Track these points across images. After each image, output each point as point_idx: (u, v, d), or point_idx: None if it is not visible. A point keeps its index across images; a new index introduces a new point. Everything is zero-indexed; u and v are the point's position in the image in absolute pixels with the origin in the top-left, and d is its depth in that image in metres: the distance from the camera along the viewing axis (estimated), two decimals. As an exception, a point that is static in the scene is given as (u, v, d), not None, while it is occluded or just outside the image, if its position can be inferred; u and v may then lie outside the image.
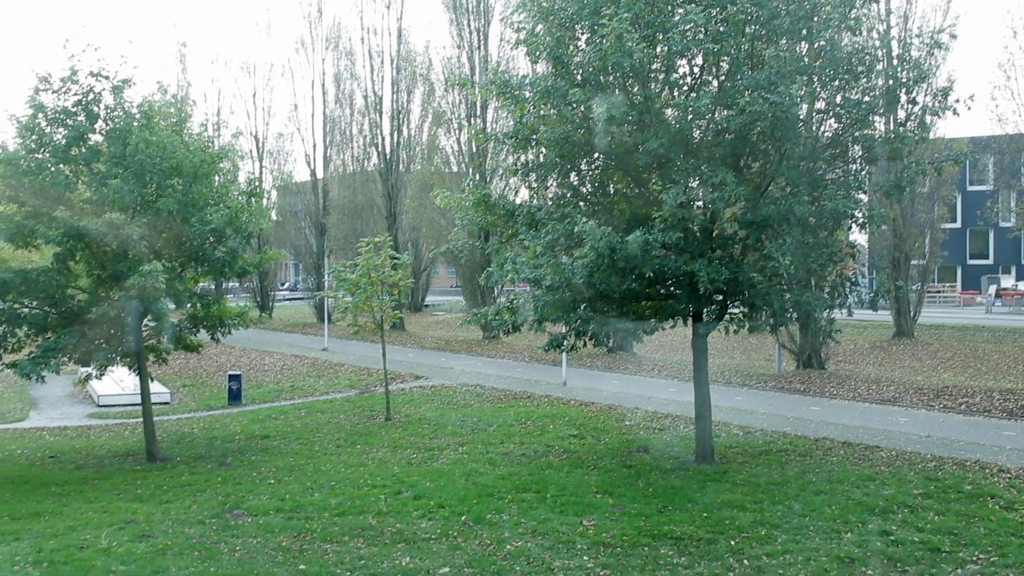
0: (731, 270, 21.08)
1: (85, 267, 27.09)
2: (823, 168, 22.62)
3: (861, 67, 21.68)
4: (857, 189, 22.66)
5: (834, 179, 22.55)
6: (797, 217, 20.94)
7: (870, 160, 22.84)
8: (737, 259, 21.92)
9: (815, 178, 21.99)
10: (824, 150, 22.51)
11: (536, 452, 25.74)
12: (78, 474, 25.62)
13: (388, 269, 32.58)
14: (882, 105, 22.34)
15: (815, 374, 40.47)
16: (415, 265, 70.13)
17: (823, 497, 20.41)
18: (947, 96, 21.95)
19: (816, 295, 22.89)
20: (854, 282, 23.74)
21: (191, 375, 47.62)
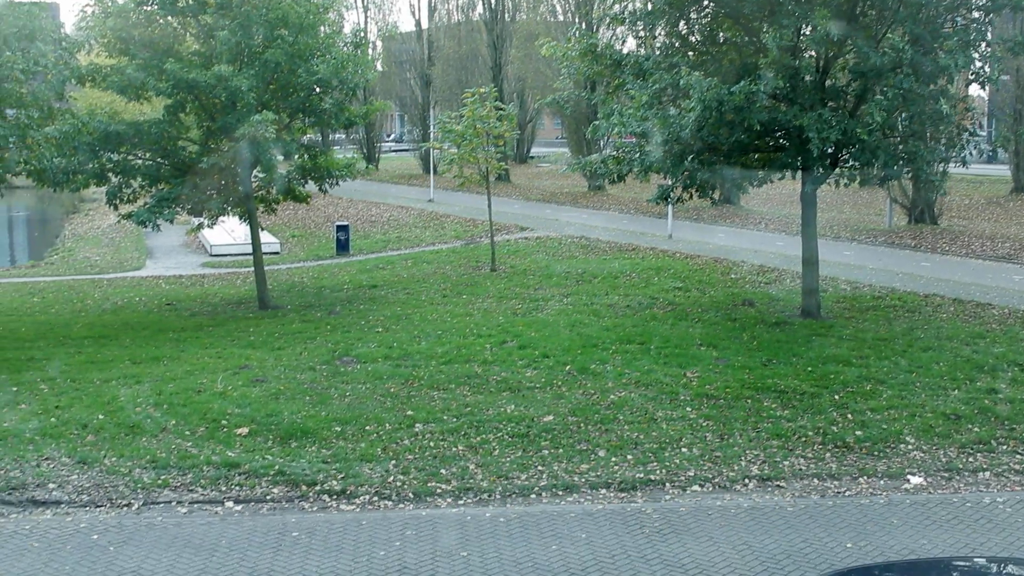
0: (841, 127, 20.47)
1: (195, 119, 27.44)
2: (943, 17, 21.63)
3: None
4: (978, 40, 21.65)
5: (953, 29, 21.57)
6: (912, 68, 20.15)
7: (993, 8, 21.75)
8: (848, 112, 21.29)
9: (933, 28, 21.06)
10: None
11: (641, 304, 25.78)
12: (193, 321, 26.38)
13: (493, 120, 32.39)
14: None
15: (927, 229, 39.63)
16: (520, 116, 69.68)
17: (931, 354, 20.18)
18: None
19: (930, 148, 22.21)
20: (971, 132, 22.97)
21: (300, 226, 48.39)
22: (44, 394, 18.85)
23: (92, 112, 26.25)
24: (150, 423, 16.81)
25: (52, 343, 23.67)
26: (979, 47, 21.70)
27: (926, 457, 15.34)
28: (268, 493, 14.32)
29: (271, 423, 16.59)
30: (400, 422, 16.73)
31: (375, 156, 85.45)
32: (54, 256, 44.46)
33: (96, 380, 19.70)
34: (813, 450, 15.49)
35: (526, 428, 16.30)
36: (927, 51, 20.46)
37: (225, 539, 12.75)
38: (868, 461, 15.14)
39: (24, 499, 14.31)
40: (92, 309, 28.83)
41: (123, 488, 14.54)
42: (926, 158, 21.73)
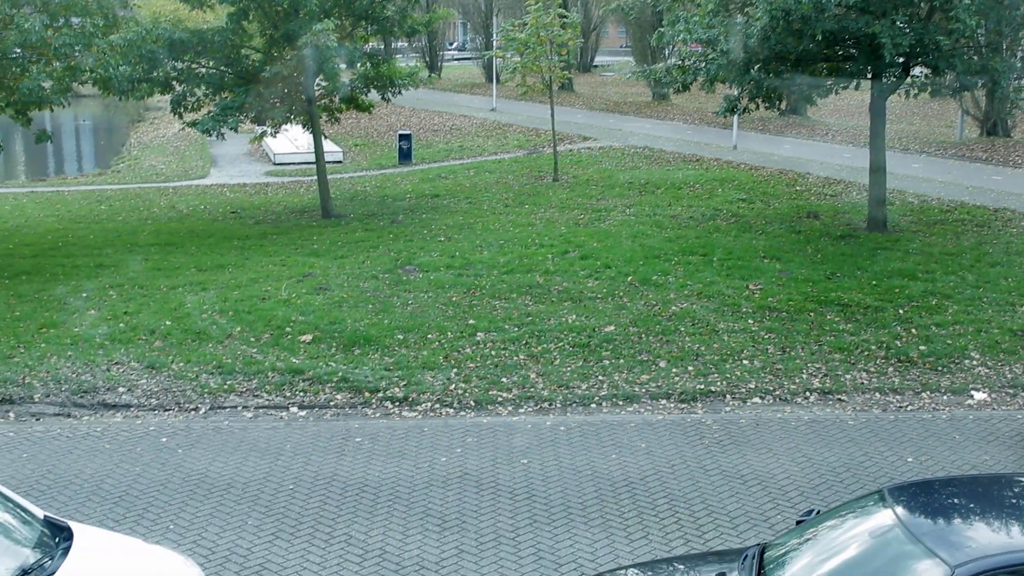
0: (916, 32, 19.95)
1: (258, 27, 27.42)
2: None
3: None
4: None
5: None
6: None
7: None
8: (922, 19, 20.75)
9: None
10: None
11: (704, 215, 25.59)
12: (257, 229, 26.62)
13: (557, 28, 31.99)
14: None
15: (999, 142, 38.75)
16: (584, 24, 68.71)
17: (999, 269, 19.89)
18: None
19: (1006, 60, 21.60)
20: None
21: (362, 135, 48.42)
22: (113, 300, 19.21)
23: (156, 20, 26.29)
24: (216, 329, 17.10)
25: (120, 250, 24.04)
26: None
27: (991, 373, 15.20)
28: (331, 399, 14.55)
29: (334, 331, 16.80)
30: (462, 331, 16.86)
31: (438, 65, 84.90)
32: (120, 164, 44.94)
33: (163, 287, 20.03)
34: (875, 364, 15.41)
35: (587, 338, 16.36)
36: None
37: (290, 444, 13.00)
38: (931, 376, 15.04)
39: (95, 402, 14.68)
40: (158, 217, 29.19)
41: (190, 393, 14.85)
42: (1002, 71, 21.13)
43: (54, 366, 15.69)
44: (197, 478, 12.01)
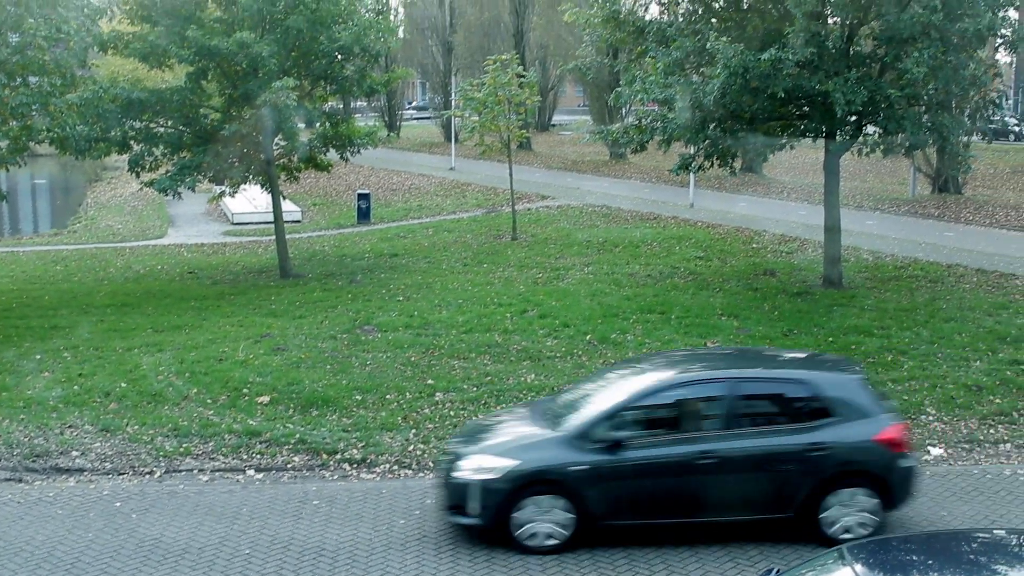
0: (868, 89, 20.27)
1: (217, 86, 27.42)
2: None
3: None
4: (1007, 5, 21.32)
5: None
6: (939, 33, 19.88)
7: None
8: (874, 79, 21.08)
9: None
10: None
11: (662, 273, 25.72)
12: (215, 289, 26.47)
13: (515, 87, 32.21)
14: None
15: (951, 199, 39.32)
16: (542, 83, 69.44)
17: (953, 324, 20.10)
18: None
19: (955, 118, 21.97)
20: (996, 104, 22.70)
21: (321, 194, 48.42)
22: (68, 362, 19.01)
23: (114, 80, 26.29)
24: (172, 391, 16.95)
25: (75, 311, 23.81)
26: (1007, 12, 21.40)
27: (947, 428, 15.32)
28: (289, 461, 14.44)
29: (292, 391, 16.70)
30: (420, 391, 16.81)
31: (397, 124, 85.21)
32: (77, 224, 44.58)
33: (119, 348, 19.84)
34: (834, 421, 15.45)
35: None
36: (955, 17, 20.17)
37: (246, 507, 12.86)
38: (889, 432, 15.09)
39: (48, 466, 14.48)
40: (114, 277, 28.97)
41: (145, 456, 14.68)
42: (951, 129, 21.48)
43: (6, 430, 15.47)
44: (151, 544, 11.84)
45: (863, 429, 11.71)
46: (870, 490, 11.65)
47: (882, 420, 11.81)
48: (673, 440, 11.79)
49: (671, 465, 11.58)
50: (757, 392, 12.33)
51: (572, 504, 11.50)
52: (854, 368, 12.94)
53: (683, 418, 12.07)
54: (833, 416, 11.78)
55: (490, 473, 11.61)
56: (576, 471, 11.49)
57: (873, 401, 12.03)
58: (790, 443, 11.66)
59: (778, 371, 12.94)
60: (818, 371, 12.72)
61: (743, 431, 11.83)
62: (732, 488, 11.62)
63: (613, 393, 12.29)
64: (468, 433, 13.05)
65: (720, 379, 12.28)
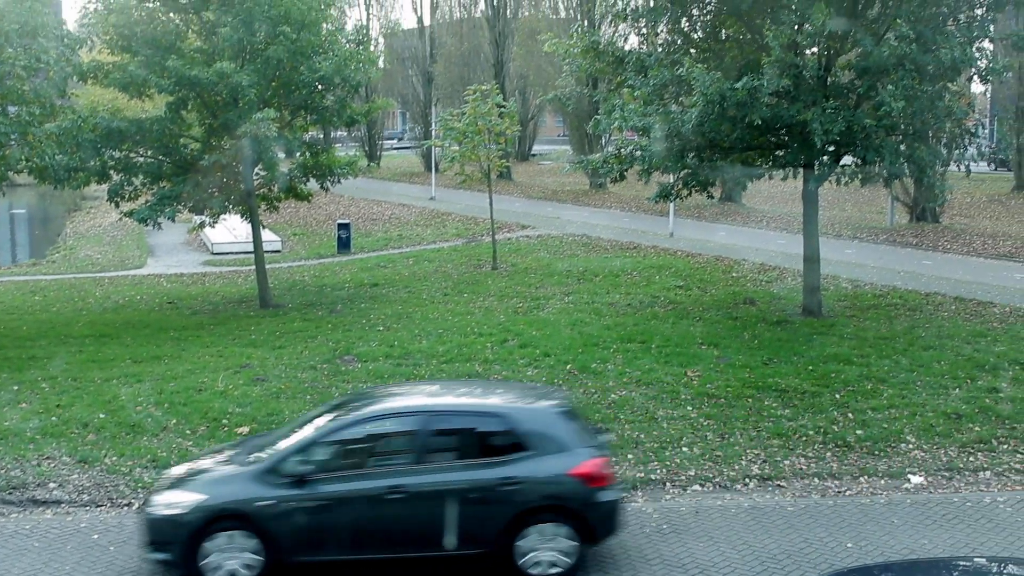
0: (846, 119, 20.41)
1: (197, 116, 27.43)
2: (945, 13, 21.54)
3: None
4: (981, 37, 21.55)
5: (956, 25, 21.46)
6: (914, 64, 20.07)
7: (997, 6, 21.67)
8: (851, 108, 21.23)
9: (935, 24, 20.98)
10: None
11: (642, 302, 25.76)
12: (194, 320, 26.38)
13: (495, 117, 32.31)
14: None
15: (929, 227, 39.58)
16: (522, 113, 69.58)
17: (932, 352, 20.17)
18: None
19: (931, 148, 22.14)
20: (973, 133, 22.87)
21: (301, 224, 48.39)
22: (45, 393, 18.88)
23: (94, 109, 26.25)
24: (151, 422, 16.84)
25: (53, 342, 23.68)
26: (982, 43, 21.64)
27: (927, 456, 15.35)
28: (268, 492, 14.32)
29: (272, 422, 16.61)
30: (401, 421, 16.71)
31: (377, 154, 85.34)
32: (55, 254, 44.44)
33: (97, 379, 19.72)
34: (814, 449, 15.51)
35: (527, 427, 16.29)
36: (930, 48, 20.36)
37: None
38: (869, 460, 15.16)
39: (25, 498, 14.35)
40: (93, 307, 28.84)
41: (124, 487, 14.57)
42: (928, 160, 21.65)
43: (-18, 461, 15.34)
44: (129, 576, 11.76)
45: (559, 463, 11.70)
46: (566, 525, 11.60)
47: (580, 454, 11.77)
48: (363, 474, 11.91)
49: (361, 500, 11.63)
50: (451, 426, 12.28)
51: (261, 540, 11.50)
52: (560, 401, 12.90)
53: (374, 452, 12.25)
54: (528, 450, 11.77)
55: (179, 508, 11.64)
56: (263, 506, 11.51)
57: (573, 435, 12.01)
58: (482, 477, 11.70)
59: (474, 404, 12.89)
60: (517, 404, 12.78)
61: (435, 465, 11.82)
62: (426, 523, 11.61)
63: (308, 428, 12.40)
64: (175, 470, 13.06)
65: (412, 413, 12.32)
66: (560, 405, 12.62)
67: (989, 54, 22.19)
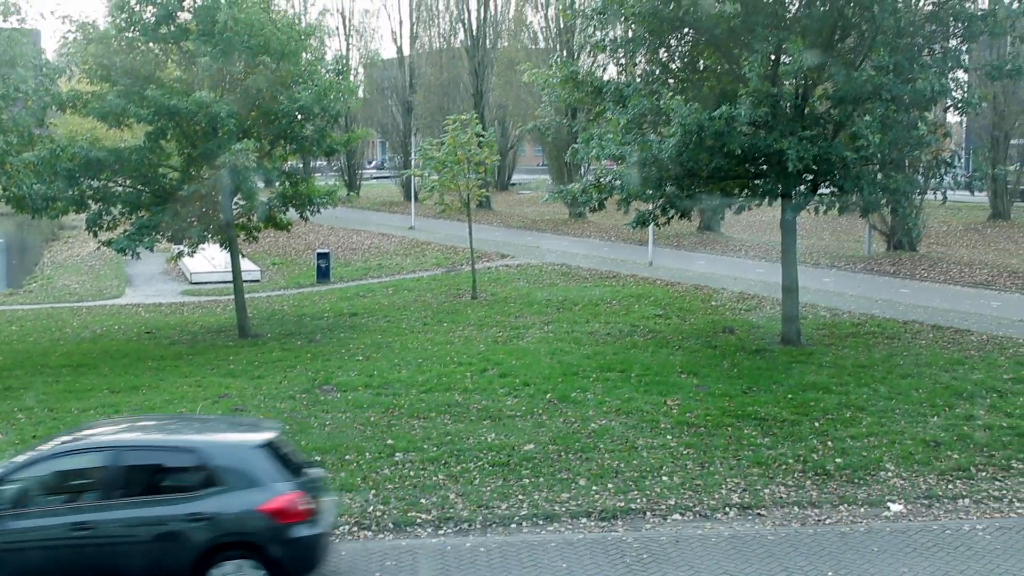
0: (821, 148, 20.57)
1: (176, 146, 27.38)
2: (920, 44, 21.77)
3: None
4: (955, 67, 21.79)
5: (931, 56, 21.69)
6: (890, 94, 20.26)
7: (971, 37, 21.89)
8: (827, 138, 21.39)
9: (910, 55, 21.19)
10: (921, 25, 21.60)
11: (621, 331, 25.80)
12: (173, 349, 26.26)
13: (474, 147, 32.37)
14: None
15: (906, 256, 39.81)
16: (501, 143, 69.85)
17: (910, 380, 20.24)
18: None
19: (908, 178, 22.30)
20: (949, 163, 23.06)
21: (280, 253, 48.30)
22: (21, 424, 18.75)
23: (72, 139, 26.19)
24: (128, 452, 16.67)
25: (30, 372, 23.54)
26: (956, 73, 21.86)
27: (906, 484, 15.37)
28: (247, 523, 14.21)
29: (250, 452, 16.48)
30: (380, 451, 16.69)
31: (356, 183, 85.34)
32: (33, 284, 44.18)
33: (74, 409, 19.60)
34: (793, 478, 15.51)
35: (507, 457, 16.29)
36: (906, 78, 20.57)
37: (203, 570, 12.64)
38: (848, 489, 15.17)
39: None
40: (71, 338, 28.68)
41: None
42: (904, 189, 21.81)
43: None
44: (106, 608, 11.62)
45: (248, 499, 11.60)
46: (256, 561, 11.52)
47: (273, 489, 11.67)
48: (51, 511, 11.81)
49: (50, 536, 11.51)
50: (142, 461, 12.10)
51: None
52: (265, 435, 12.57)
53: (64, 489, 12.13)
54: (220, 485, 11.64)
55: None
56: None
57: (269, 470, 11.86)
58: (170, 513, 11.59)
59: (167, 439, 12.82)
60: (211, 439, 12.55)
61: (124, 501, 11.64)
62: (113, 560, 11.48)
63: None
64: None
65: (103, 448, 12.12)
66: (263, 440, 12.36)
67: (964, 84, 22.41)
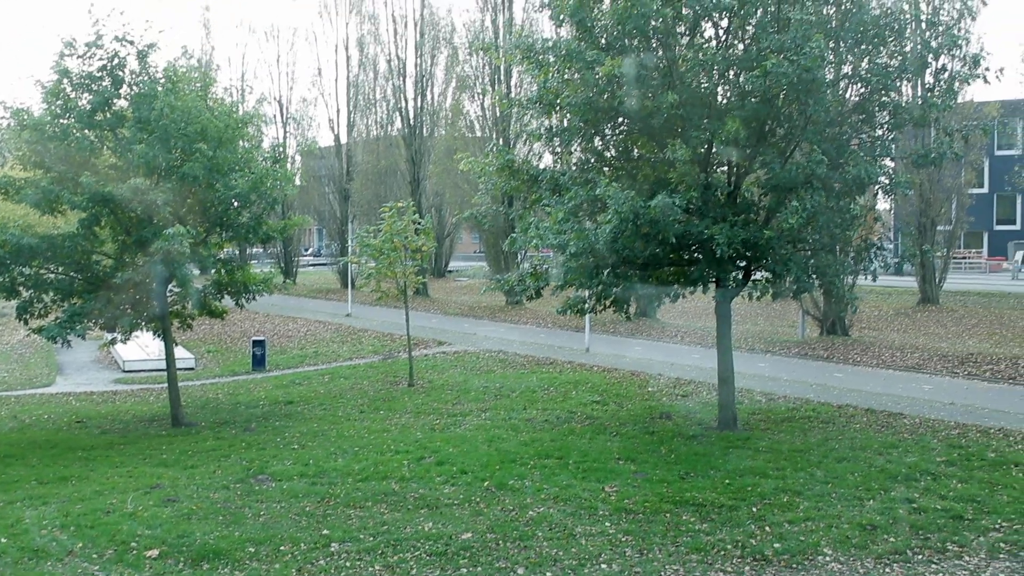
0: (751, 233, 20.91)
1: (110, 232, 27.19)
2: (849, 133, 22.36)
3: (889, 31, 21.40)
4: (883, 155, 22.42)
5: (859, 145, 22.29)
6: (820, 181, 20.72)
7: (896, 126, 22.54)
8: (759, 224, 21.75)
9: (840, 143, 21.74)
10: (849, 115, 22.22)
11: (559, 418, 25.77)
12: (104, 439, 25.81)
13: (411, 234, 32.50)
14: (910, 71, 22.07)
15: (839, 340, 40.31)
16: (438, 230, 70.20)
17: (846, 464, 20.37)
18: (978, 64, 21.54)
19: (839, 260, 22.72)
20: (879, 247, 23.55)
21: (215, 341, 47.86)
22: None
23: (3, 225, 25.90)
24: (56, 546, 16.30)
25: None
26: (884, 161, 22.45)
27: (844, 568, 15.37)
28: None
29: (182, 544, 16.18)
30: (316, 542, 16.42)
31: (293, 270, 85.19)
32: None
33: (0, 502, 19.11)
34: (732, 564, 15.46)
35: (444, 546, 16.09)
36: (836, 166, 21.08)
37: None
38: (787, 574, 15.14)
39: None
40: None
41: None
42: (836, 271, 22.22)
43: None
44: None
45: None
46: None
47: None
48: None
49: None
50: None
51: None
52: None
53: None
54: None
55: None
56: None
57: None
58: None
59: None
60: None
61: None
62: None
63: None
64: None
65: None
66: None
67: (891, 171, 23.00)
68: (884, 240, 26.82)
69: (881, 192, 23.57)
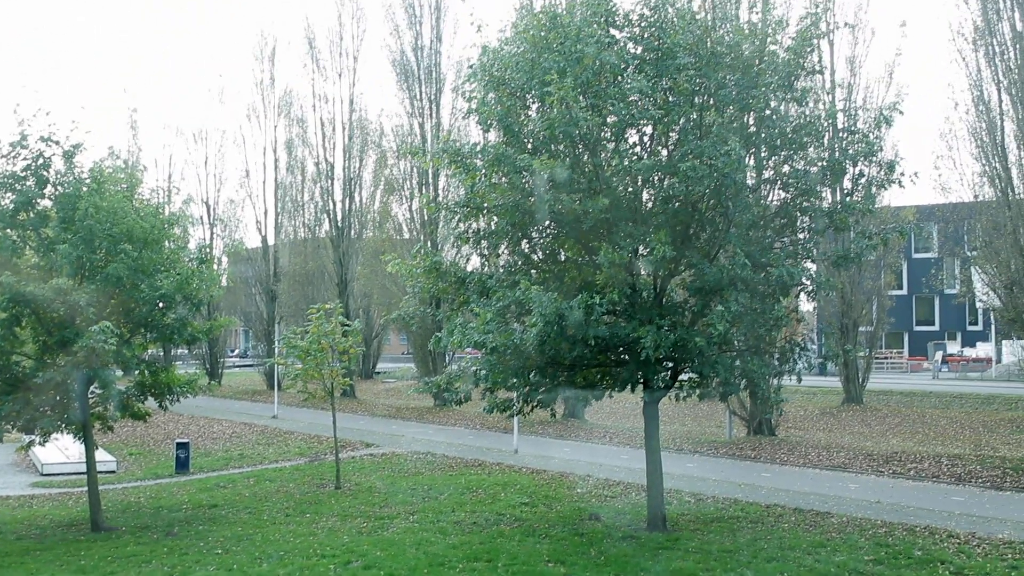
0: (678, 335, 21.15)
1: (31, 333, 26.71)
2: (771, 237, 22.86)
3: (808, 138, 22.03)
4: (805, 258, 22.94)
5: (782, 247, 22.77)
6: (744, 284, 21.10)
7: (817, 230, 23.09)
8: (686, 326, 22.01)
9: (763, 246, 22.21)
10: (772, 219, 22.75)
11: (487, 521, 25.57)
12: (19, 545, 25.08)
13: (339, 336, 32.39)
14: (829, 176, 22.71)
15: (766, 440, 40.61)
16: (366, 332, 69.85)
17: (775, 564, 20.41)
18: (893, 169, 22.34)
19: (764, 362, 23.02)
20: (803, 347, 23.91)
21: (138, 443, 46.96)
22: None
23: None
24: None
25: None
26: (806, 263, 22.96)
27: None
28: None
29: (100, 654, 15.72)
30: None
31: (219, 372, 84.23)
32: None
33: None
34: (663, 667, 15.36)
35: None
36: (759, 268, 21.50)
37: None
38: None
39: None
40: (-92, 535, 27.19)
41: None
42: (762, 373, 22.51)
43: None
44: None
45: None
46: None
47: None
48: None
49: None
50: None
51: None
52: None
53: None
54: None
55: None
56: None
57: None
58: None
59: None
60: None
61: None
62: None
63: None
64: None
65: None
66: None
67: (814, 273, 23.50)
68: (808, 341, 27.22)
69: (804, 294, 24.06)
